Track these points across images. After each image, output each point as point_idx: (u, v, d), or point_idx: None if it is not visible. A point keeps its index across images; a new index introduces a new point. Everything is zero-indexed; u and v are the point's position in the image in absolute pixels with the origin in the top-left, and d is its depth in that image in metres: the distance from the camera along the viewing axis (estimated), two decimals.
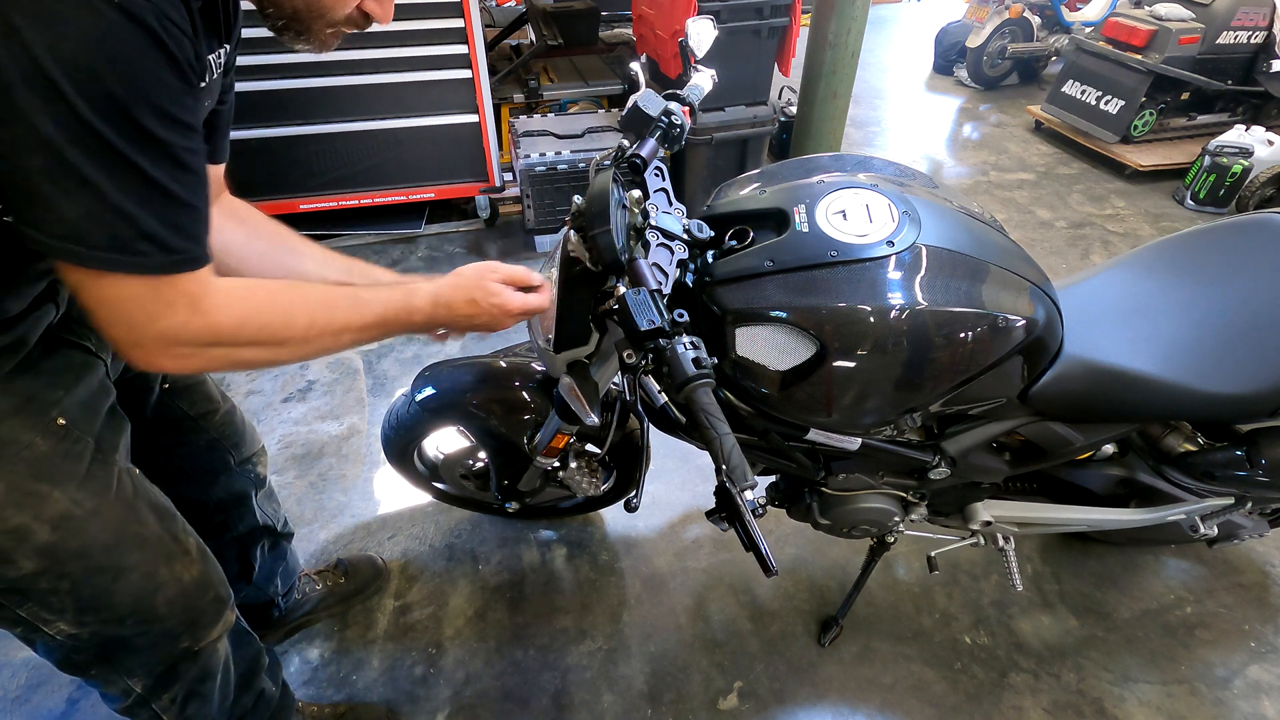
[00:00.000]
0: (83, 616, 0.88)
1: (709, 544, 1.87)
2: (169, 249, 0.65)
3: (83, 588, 0.86)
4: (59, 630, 0.88)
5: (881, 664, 1.61)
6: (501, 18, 4.10)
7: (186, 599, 0.98)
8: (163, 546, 0.94)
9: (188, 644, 1.01)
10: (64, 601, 0.86)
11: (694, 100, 1.19)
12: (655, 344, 0.78)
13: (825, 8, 2.92)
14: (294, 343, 0.78)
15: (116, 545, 0.88)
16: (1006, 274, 1.02)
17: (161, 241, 0.64)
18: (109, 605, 0.89)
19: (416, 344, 2.54)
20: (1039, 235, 3.33)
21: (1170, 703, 1.55)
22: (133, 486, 0.92)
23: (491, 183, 3.06)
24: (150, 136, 0.61)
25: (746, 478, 0.73)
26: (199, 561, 1.00)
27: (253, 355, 0.76)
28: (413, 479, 1.76)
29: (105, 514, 0.86)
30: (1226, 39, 3.63)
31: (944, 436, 1.24)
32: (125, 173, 0.61)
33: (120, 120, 0.59)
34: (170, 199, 0.64)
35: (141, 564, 0.91)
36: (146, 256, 0.64)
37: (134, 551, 0.90)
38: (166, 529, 0.96)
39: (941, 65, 5.37)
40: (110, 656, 0.95)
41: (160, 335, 0.68)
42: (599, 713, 1.53)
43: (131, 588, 0.90)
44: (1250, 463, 1.25)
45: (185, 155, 0.65)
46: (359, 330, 0.84)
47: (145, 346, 0.69)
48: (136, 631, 0.94)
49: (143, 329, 0.68)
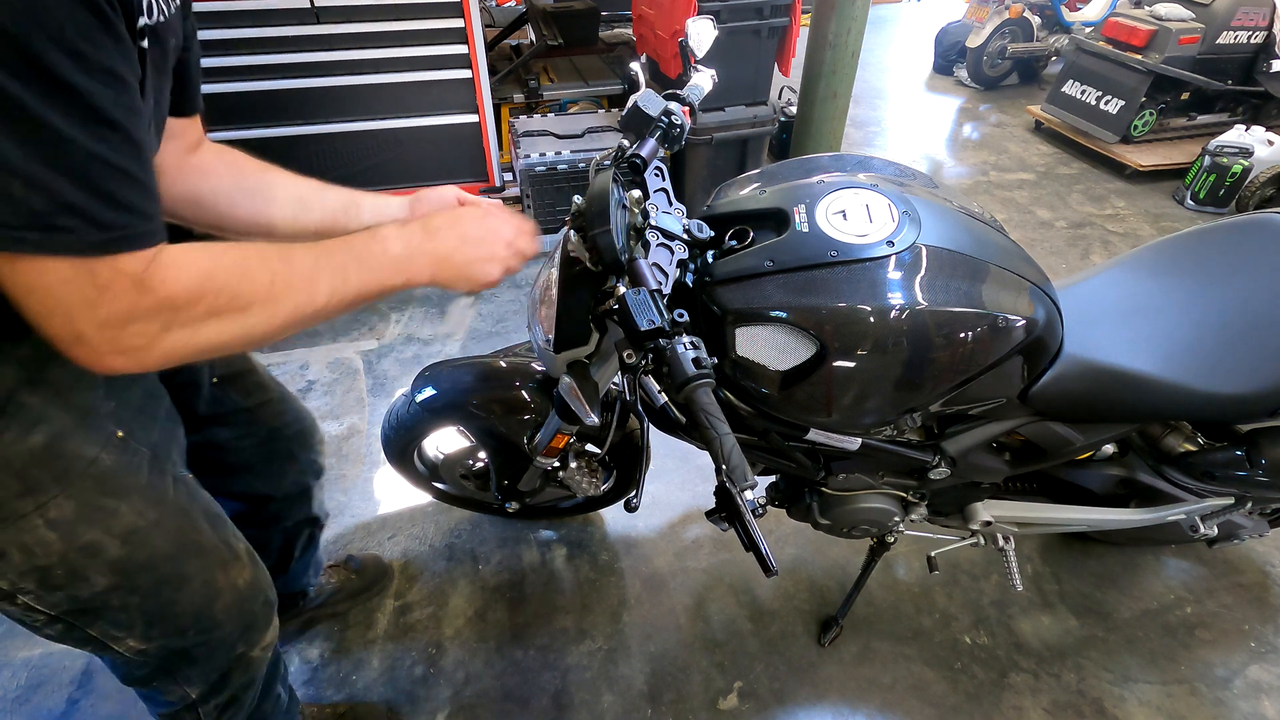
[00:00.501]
0: (150, 631, 0.87)
1: (709, 544, 1.87)
2: (101, 224, 0.55)
3: (149, 601, 0.85)
4: (127, 647, 0.87)
5: (881, 664, 1.61)
6: (501, 18, 4.10)
7: (241, 604, 0.96)
8: (218, 553, 0.92)
9: (242, 649, 1.00)
10: (132, 617, 0.85)
11: (694, 100, 1.19)
12: (655, 344, 0.78)
13: (825, 8, 2.92)
14: (259, 304, 0.66)
15: (177, 554, 0.86)
16: (1006, 274, 1.02)
17: (89, 215, 0.54)
18: (173, 616, 0.88)
19: (416, 344, 2.54)
20: (1039, 235, 3.33)
21: (1170, 703, 1.55)
22: (187, 493, 0.89)
23: (491, 183, 3.06)
24: (58, 82, 0.50)
25: (746, 478, 0.73)
26: (250, 565, 0.99)
27: (218, 332, 0.64)
28: (413, 479, 1.76)
29: (166, 524, 0.84)
30: (1226, 39, 3.63)
31: (944, 436, 1.24)
32: (29, 128, 0.50)
33: (12, 58, 0.48)
34: (94, 161, 0.53)
35: (200, 572, 0.89)
36: (72, 233, 0.54)
37: (193, 559, 0.88)
38: (220, 535, 0.94)
39: (941, 65, 5.36)
40: (171, 668, 0.95)
41: (104, 324, 0.58)
42: (599, 713, 1.53)
43: (193, 597, 0.89)
44: (1250, 463, 1.25)
45: (111, 109, 0.54)
46: (331, 279, 0.71)
47: (89, 341, 0.58)
48: (197, 642, 0.93)
49: (82, 319, 0.57)
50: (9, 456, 0.69)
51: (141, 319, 0.59)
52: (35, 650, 1.60)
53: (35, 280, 0.55)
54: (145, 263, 0.59)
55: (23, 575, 0.74)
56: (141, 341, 0.60)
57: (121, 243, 0.56)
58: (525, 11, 3.75)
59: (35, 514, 0.72)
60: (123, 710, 1.50)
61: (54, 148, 0.52)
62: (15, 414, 0.69)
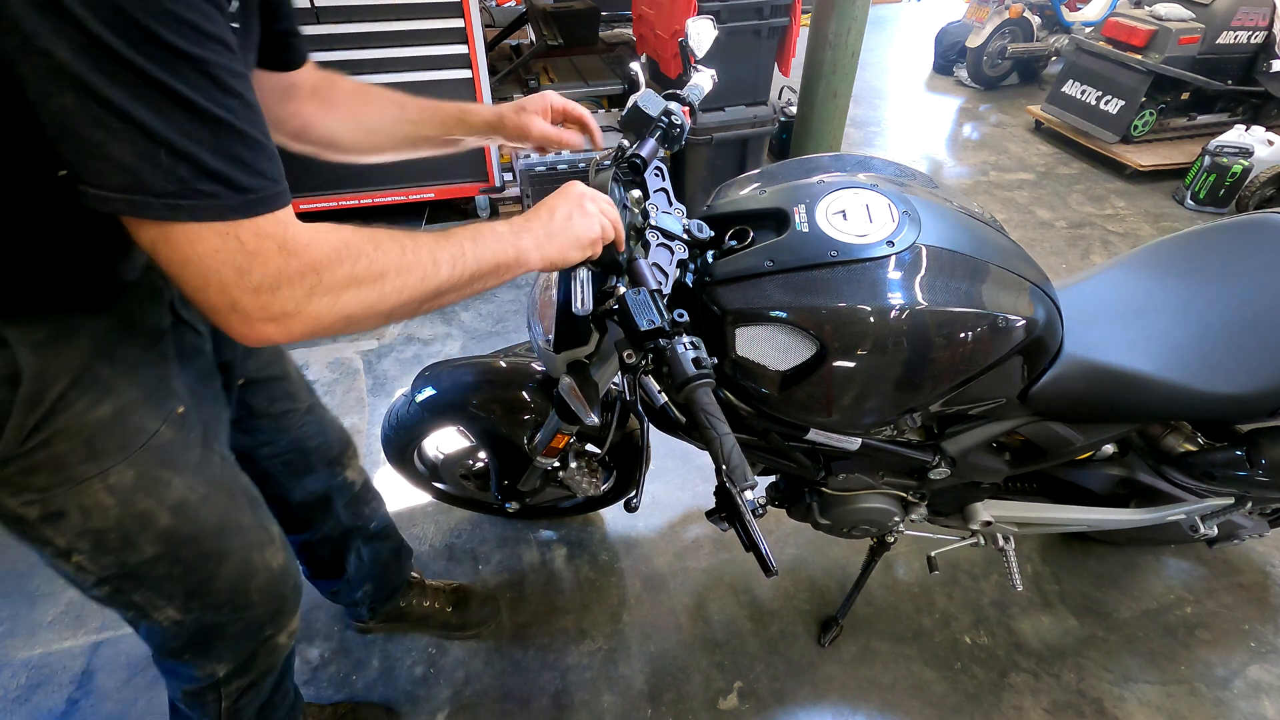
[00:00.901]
0: (189, 603, 0.90)
1: (709, 544, 1.87)
2: (239, 187, 0.57)
3: (191, 573, 0.88)
4: (166, 616, 0.90)
5: (881, 664, 1.61)
6: (501, 18, 4.10)
7: (274, 586, 0.99)
8: (255, 533, 0.95)
9: (270, 632, 1.03)
10: (174, 587, 0.88)
11: (694, 100, 1.19)
12: (655, 344, 0.78)
13: (825, 8, 2.92)
14: (391, 272, 0.67)
15: (220, 530, 0.89)
16: (1006, 274, 1.02)
17: (228, 179, 0.56)
18: (211, 590, 0.91)
19: (416, 344, 2.54)
20: (1039, 235, 3.33)
21: (1170, 703, 1.55)
22: (231, 472, 0.93)
23: (491, 183, 3.06)
24: (176, 51, 0.52)
25: (746, 478, 0.73)
26: (283, 549, 1.01)
27: (357, 300, 0.66)
28: (413, 479, 1.76)
29: (213, 499, 0.87)
30: (1226, 39, 3.63)
31: (944, 436, 1.24)
32: (160, 99, 0.52)
33: (134, 33, 0.50)
34: (223, 128, 0.56)
35: (239, 550, 0.92)
36: (217, 198, 0.56)
37: (234, 537, 0.91)
38: (257, 516, 0.97)
39: (941, 65, 5.37)
40: (204, 642, 0.97)
41: (257, 290, 0.59)
42: (599, 713, 1.53)
43: (231, 573, 0.91)
44: (1250, 463, 1.25)
45: (226, 76, 0.56)
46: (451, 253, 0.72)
47: (244, 309, 0.60)
48: (231, 618, 0.96)
49: (236, 287, 0.59)
50: (79, 424, 0.73)
51: (288, 284, 0.61)
52: (35, 650, 1.61)
53: (189, 251, 0.57)
54: (284, 226, 0.61)
55: (79, 536, 0.78)
56: (291, 307, 0.62)
57: (258, 205, 0.59)
58: (525, 11, 3.75)
59: (97, 479, 0.76)
60: (123, 710, 1.50)
61: (185, 116, 0.54)
62: (90, 385, 0.74)
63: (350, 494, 1.32)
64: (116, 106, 0.51)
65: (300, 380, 1.19)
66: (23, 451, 0.71)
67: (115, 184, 0.54)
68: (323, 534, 1.32)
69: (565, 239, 0.81)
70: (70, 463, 0.74)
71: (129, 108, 0.52)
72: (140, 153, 0.53)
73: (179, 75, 0.53)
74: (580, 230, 0.82)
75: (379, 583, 1.49)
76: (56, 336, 0.72)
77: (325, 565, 1.39)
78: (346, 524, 1.34)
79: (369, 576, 1.45)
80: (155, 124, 0.53)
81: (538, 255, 0.79)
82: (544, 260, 0.80)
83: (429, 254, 0.71)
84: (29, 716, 1.50)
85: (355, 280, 0.65)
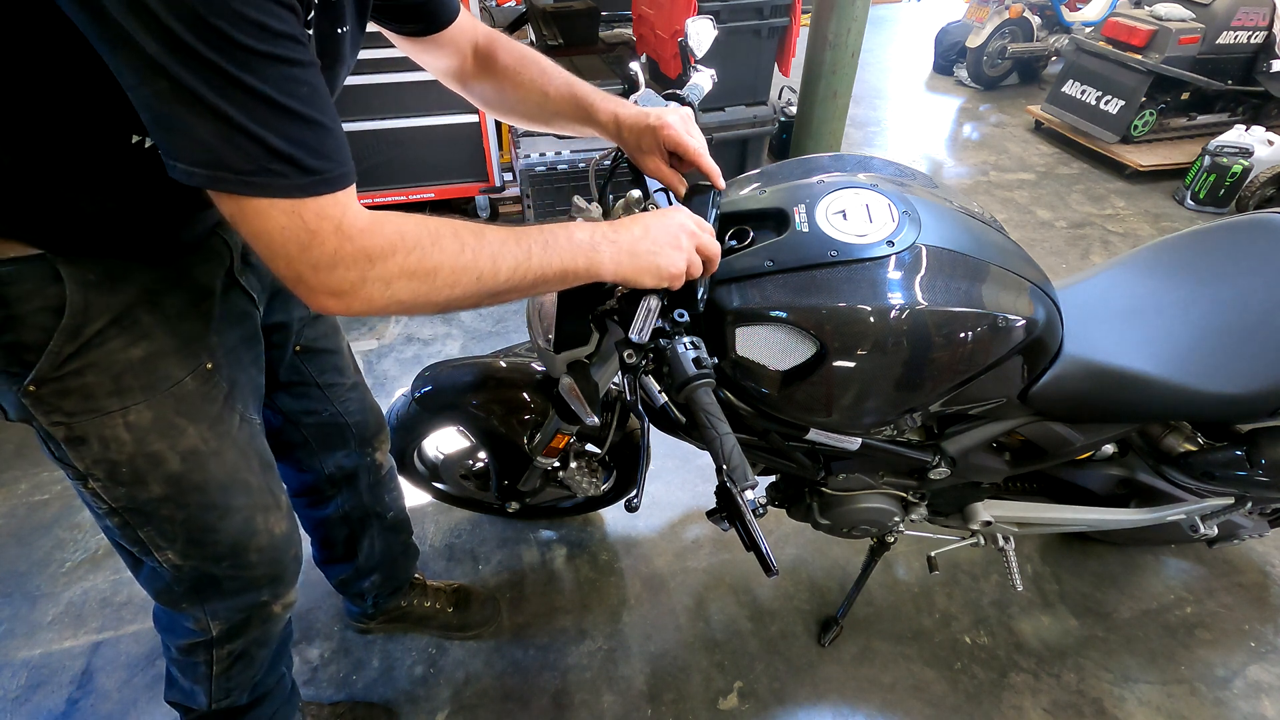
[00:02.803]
0: (189, 549, 0.94)
1: (709, 544, 1.87)
2: (305, 169, 0.62)
3: (194, 520, 0.92)
4: (166, 559, 0.94)
5: (881, 664, 1.61)
6: (501, 18, 4.10)
7: (275, 551, 1.02)
8: (262, 496, 0.98)
9: (267, 598, 1.05)
10: (177, 531, 0.92)
11: (694, 100, 1.19)
12: (655, 344, 0.78)
13: (825, 8, 2.92)
14: (445, 270, 0.70)
15: (228, 486, 0.93)
16: (1006, 274, 1.02)
17: (296, 161, 0.61)
18: (212, 542, 0.95)
19: (416, 344, 2.54)
20: (1039, 235, 3.33)
21: (1170, 703, 1.55)
22: (248, 434, 0.96)
23: (491, 183, 3.06)
24: (246, 49, 0.57)
25: (747, 478, 0.73)
26: (287, 518, 1.04)
27: (409, 291, 0.70)
28: (413, 479, 1.75)
29: (224, 455, 0.91)
30: (1226, 39, 3.63)
31: (944, 436, 1.24)
32: (232, 90, 0.58)
33: (210, 33, 0.56)
34: (291, 116, 0.61)
35: (244, 508, 0.96)
36: (286, 178, 0.61)
37: (240, 495, 0.95)
38: (267, 481, 1.00)
39: (941, 65, 5.37)
40: (202, 592, 1.00)
41: (315, 266, 0.65)
42: (599, 713, 1.53)
43: (232, 529, 0.95)
44: (1250, 463, 1.25)
45: (294, 68, 0.61)
46: (516, 256, 0.74)
47: (306, 282, 0.66)
48: (229, 574, 0.99)
49: (299, 262, 0.65)
50: (111, 361, 0.80)
51: (343, 265, 0.66)
52: (35, 650, 1.61)
53: (260, 225, 0.63)
54: (343, 209, 0.65)
55: (95, 463, 0.84)
56: (346, 286, 0.67)
57: (321, 185, 0.63)
58: (525, 11, 3.75)
59: (118, 413, 0.82)
60: (123, 710, 1.51)
61: (257, 105, 0.59)
62: (129, 327, 0.80)
63: (376, 476, 1.36)
64: (199, 95, 0.57)
65: (350, 358, 1.26)
66: (57, 376, 0.78)
67: (199, 160, 0.60)
68: (344, 512, 1.35)
69: (645, 263, 0.80)
70: (97, 394, 0.80)
71: (208, 96, 0.57)
72: (220, 134, 0.59)
73: (249, 69, 0.58)
74: (664, 261, 0.81)
75: (387, 575, 1.50)
76: (107, 279, 0.78)
77: (339, 548, 1.41)
78: (368, 506, 1.37)
79: (379, 567, 1.47)
80: (230, 111, 0.58)
81: (612, 269, 0.79)
82: (616, 275, 0.80)
83: (490, 255, 0.73)
84: (29, 716, 1.50)
85: (407, 273, 0.69)
